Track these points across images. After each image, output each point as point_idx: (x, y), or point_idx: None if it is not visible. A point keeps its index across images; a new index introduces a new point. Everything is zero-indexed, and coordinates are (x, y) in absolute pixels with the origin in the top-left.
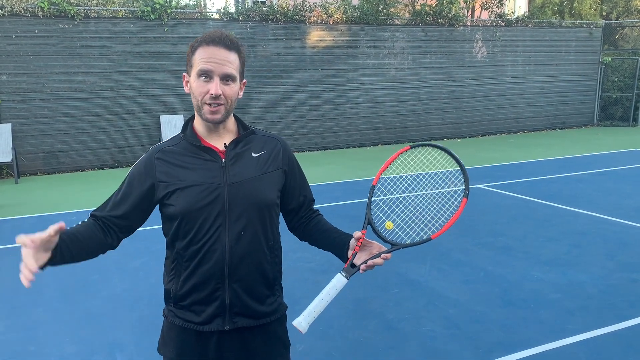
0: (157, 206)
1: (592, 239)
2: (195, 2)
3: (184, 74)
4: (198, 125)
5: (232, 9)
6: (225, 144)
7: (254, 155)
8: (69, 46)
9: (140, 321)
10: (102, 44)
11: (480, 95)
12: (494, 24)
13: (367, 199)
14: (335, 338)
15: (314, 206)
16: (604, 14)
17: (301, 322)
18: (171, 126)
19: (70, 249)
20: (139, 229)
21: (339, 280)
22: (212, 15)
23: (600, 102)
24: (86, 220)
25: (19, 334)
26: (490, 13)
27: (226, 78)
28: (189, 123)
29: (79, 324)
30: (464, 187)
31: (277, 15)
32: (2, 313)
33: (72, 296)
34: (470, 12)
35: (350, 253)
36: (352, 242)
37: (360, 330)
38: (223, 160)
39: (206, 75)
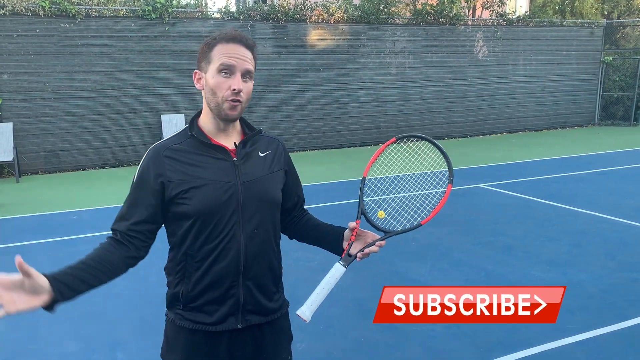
0: None
1: (593, 239)
2: (196, 2)
3: (196, 70)
4: (205, 123)
5: (233, 8)
6: (235, 143)
7: (261, 154)
8: (70, 45)
9: (141, 320)
10: (103, 43)
11: (481, 95)
12: (495, 23)
13: (359, 192)
14: (335, 337)
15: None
16: (605, 13)
17: (305, 311)
18: (172, 125)
19: (82, 279)
20: None
21: (337, 270)
22: (213, 14)
23: (602, 101)
24: (107, 238)
25: (20, 332)
26: (491, 12)
27: (246, 75)
28: (194, 121)
29: (79, 323)
30: (448, 174)
31: (278, 15)
32: None
33: None
34: (471, 12)
35: (346, 243)
36: (347, 232)
37: (361, 329)
38: (234, 158)
39: (228, 70)
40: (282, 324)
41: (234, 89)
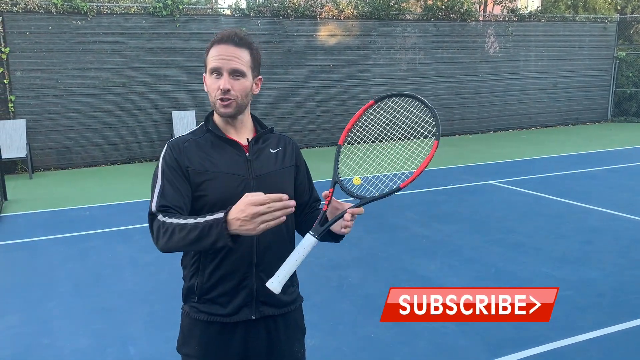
0: None
1: (605, 236)
2: None
3: (204, 74)
4: (218, 120)
5: (243, 5)
6: (248, 139)
7: (272, 151)
8: (81, 42)
9: (153, 315)
10: (114, 40)
11: (493, 91)
12: (507, 18)
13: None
14: (345, 333)
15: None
16: (619, 8)
17: (273, 281)
18: (183, 122)
19: None
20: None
21: (307, 240)
22: (223, 11)
23: (614, 97)
24: (161, 217)
25: (33, 327)
26: (502, 8)
27: (234, 73)
28: (209, 117)
29: (92, 318)
30: (434, 130)
31: (288, 11)
32: (17, 306)
33: (85, 290)
34: (482, 7)
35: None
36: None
37: (370, 325)
38: (247, 154)
39: (217, 72)
40: (296, 318)
41: (221, 89)
